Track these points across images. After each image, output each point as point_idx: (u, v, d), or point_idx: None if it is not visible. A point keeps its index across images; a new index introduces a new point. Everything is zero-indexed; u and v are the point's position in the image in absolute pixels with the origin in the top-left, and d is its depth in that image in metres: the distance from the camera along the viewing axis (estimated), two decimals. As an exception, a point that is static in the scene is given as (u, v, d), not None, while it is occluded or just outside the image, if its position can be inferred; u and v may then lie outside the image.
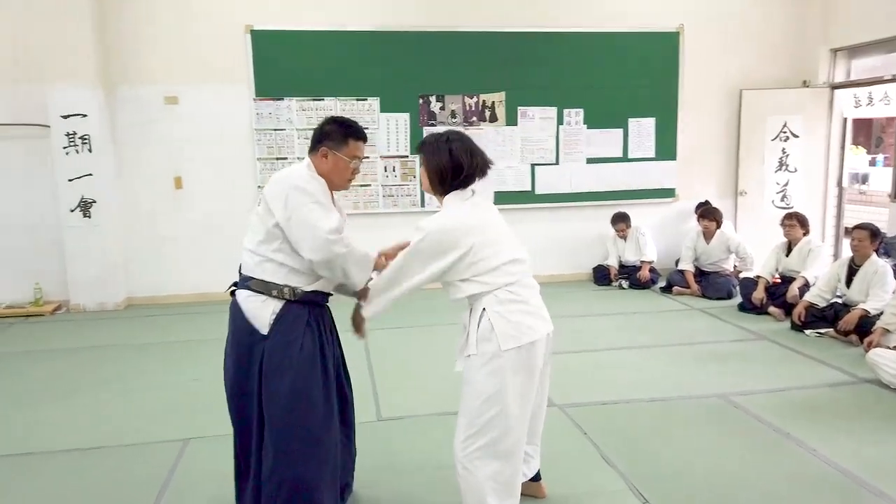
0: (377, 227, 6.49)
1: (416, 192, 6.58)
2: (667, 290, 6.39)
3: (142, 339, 5.18)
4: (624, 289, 6.59)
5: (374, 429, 3.41)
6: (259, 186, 6.23)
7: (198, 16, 6.08)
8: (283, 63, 6.21)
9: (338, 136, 2.33)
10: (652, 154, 6.94)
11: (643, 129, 6.89)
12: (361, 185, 6.48)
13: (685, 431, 3.35)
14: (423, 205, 6.59)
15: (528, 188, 6.78)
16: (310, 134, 2.49)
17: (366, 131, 2.44)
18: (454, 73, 6.48)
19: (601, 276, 6.79)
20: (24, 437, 3.44)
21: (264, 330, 2.25)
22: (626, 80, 6.76)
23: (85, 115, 5.87)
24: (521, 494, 2.44)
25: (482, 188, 2.49)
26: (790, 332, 5.03)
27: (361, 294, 2.42)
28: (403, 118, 6.46)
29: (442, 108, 6.52)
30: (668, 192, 7.05)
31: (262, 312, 2.25)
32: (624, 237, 6.69)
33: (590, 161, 6.85)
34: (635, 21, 6.72)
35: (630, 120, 6.85)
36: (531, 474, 2.67)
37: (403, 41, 6.35)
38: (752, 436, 3.29)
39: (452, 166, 2.35)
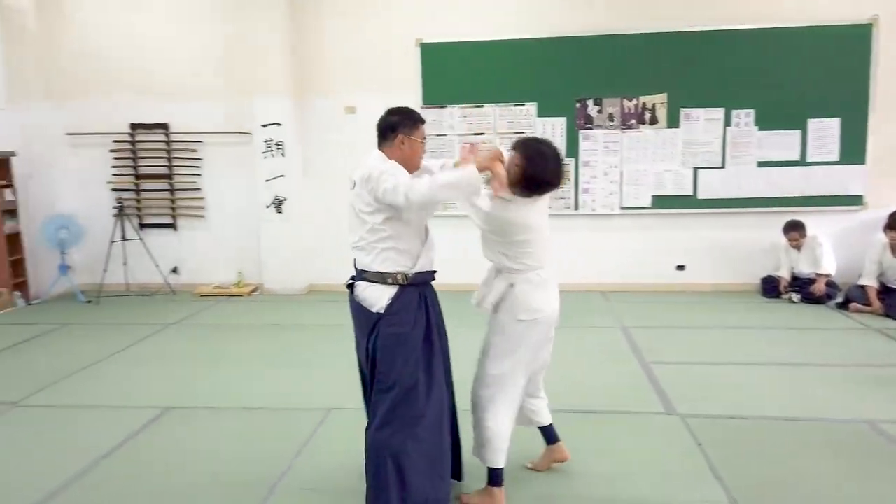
0: (531, 228, 6.69)
1: (570, 195, 6.67)
2: (844, 306, 5.83)
3: (317, 321, 5.90)
4: (794, 302, 6.12)
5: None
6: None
7: (375, 33, 6.71)
8: (447, 73, 6.64)
9: (409, 123, 2.63)
10: (835, 157, 6.34)
11: (825, 131, 6.32)
12: (517, 188, 6.70)
13: (810, 454, 3.17)
14: (576, 207, 6.66)
15: (690, 192, 6.55)
16: (470, 139, 2.90)
17: (523, 136, 2.78)
18: (613, 75, 6.46)
19: (770, 287, 6.36)
20: (210, 393, 4.17)
21: (381, 310, 2.54)
22: (806, 77, 6.25)
23: (280, 124, 6.77)
24: (550, 461, 3.01)
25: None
26: None
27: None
28: (560, 122, 6.58)
29: (599, 112, 6.54)
30: (855, 200, 6.39)
31: (380, 299, 2.54)
32: (798, 247, 6.20)
33: (761, 164, 6.44)
34: (819, 14, 6.19)
35: (810, 120, 6.32)
36: (545, 422, 2.98)
37: (561, 47, 6.46)
38: (893, 468, 3.02)
39: (545, 180, 2.57)
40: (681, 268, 6.73)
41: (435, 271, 2.69)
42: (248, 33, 6.64)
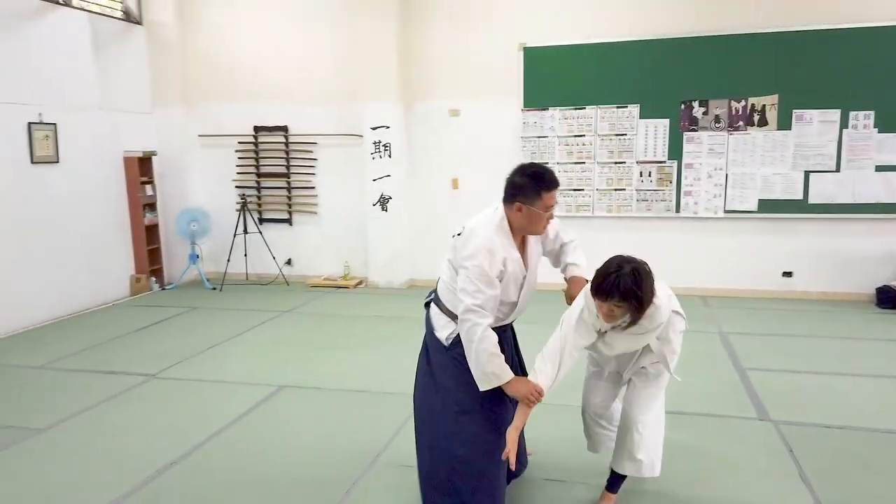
0: (630, 229, 6.71)
1: (671, 197, 6.60)
2: (969, 320, 5.46)
3: (416, 314, 6.18)
4: (913, 314, 5.79)
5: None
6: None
7: (479, 39, 6.92)
8: (548, 76, 6.76)
9: (530, 190, 2.44)
10: (965, 161, 5.93)
11: (955, 133, 5.92)
12: (616, 190, 6.73)
13: (912, 469, 3.08)
14: (677, 210, 6.59)
15: (800, 197, 6.31)
16: (570, 140, 2.94)
17: (624, 138, 2.78)
18: (720, 76, 6.34)
19: (885, 297, 6.03)
20: (318, 375, 4.55)
21: (445, 343, 2.60)
22: (935, 76, 5.88)
23: (388, 127, 7.14)
24: None
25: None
26: None
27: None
28: (663, 124, 6.53)
29: (705, 113, 6.43)
30: None
31: (443, 332, 2.61)
32: (918, 255, 5.86)
33: (879, 168, 6.11)
34: (952, 7, 5.81)
35: (937, 122, 5.95)
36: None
37: (665, 48, 6.41)
38: None
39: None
40: (788, 274, 6.50)
41: (506, 325, 2.70)
42: (359, 41, 7.05)
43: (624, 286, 2.27)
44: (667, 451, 3.21)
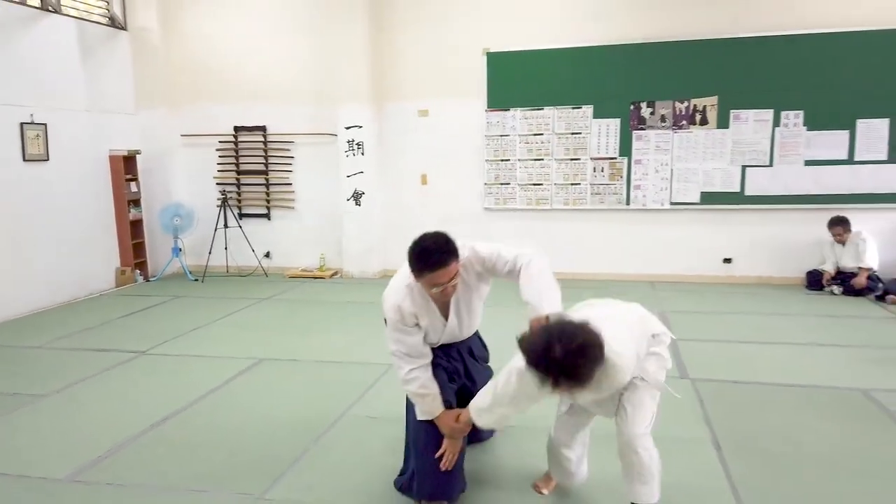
0: (585, 220, 7.26)
1: (622, 190, 7.17)
2: (882, 298, 6.07)
3: (385, 300, 6.69)
4: (836, 295, 6.39)
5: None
6: (485, 184, 7.44)
7: (446, 43, 7.43)
8: (510, 79, 7.29)
9: (413, 268, 2.45)
10: (884, 157, 6.55)
11: (874, 131, 6.54)
12: (572, 184, 7.27)
13: (797, 412, 3.64)
14: (628, 202, 7.16)
15: (738, 189, 6.91)
16: (530, 139, 3.21)
17: (579, 136, 2.86)
18: (665, 80, 6.92)
19: (813, 280, 6.64)
20: (293, 349, 5.03)
21: None
22: (856, 79, 6.50)
23: (361, 127, 7.62)
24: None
25: None
26: None
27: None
28: (614, 123, 7.10)
29: (652, 113, 7.01)
30: (903, 197, 6.59)
31: None
32: (841, 242, 6.46)
33: (808, 163, 6.73)
34: (868, 19, 6.42)
35: (858, 121, 6.56)
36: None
37: (617, 54, 6.97)
38: (867, 424, 3.46)
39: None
40: (727, 261, 7.10)
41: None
42: (334, 46, 7.52)
43: (555, 371, 2.01)
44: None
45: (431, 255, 2.38)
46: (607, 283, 7.05)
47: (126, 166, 7.59)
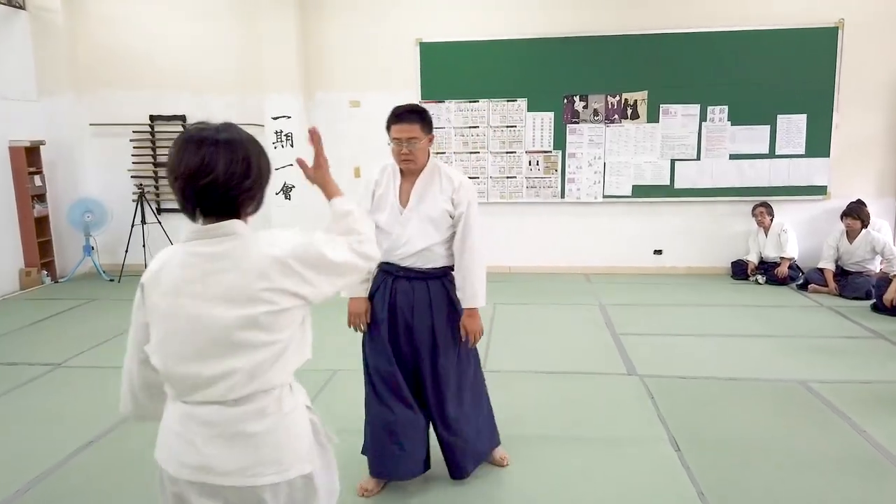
0: (521, 214, 7.25)
1: (557, 184, 7.20)
2: (804, 287, 6.37)
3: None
4: (760, 284, 6.67)
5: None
6: (420, 177, 7.29)
7: (378, 33, 7.21)
8: (444, 70, 7.16)
9: (387, 123, 2.69)
10: (802, 151, 6.87)
11: (793, 126, 6.84)
12: (508, 177, 7.24)
13: (743, 404, 3.74)
14: (562, 195, 7.20)
15: (667, 182, 7.08)
16: (465, 132, 3.09)
17: (514, 129, 3.01)
18: (598, 74, 6.97)
19: (739, 270, 6.91)
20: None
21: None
22: (776, 76, 6.76)
23: (289, 117, 7.29)
24: None
25: None
26: (918, 335, 4.95)
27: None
28: (548, 117, 7.10)
29: (585, 107, 7.06)
30: (819, 190, 6.93)
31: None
32: (764, 227, 6.73)
33: (733, 157, 6.97)
34: (789, 18, 6.69)
35: (779, 116, 6.84)
36: None
37: (551, 47, 6.97)
38: (809, 416, 3.58)
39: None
40: (658, 252, 7.28)
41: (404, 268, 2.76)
42: (260, 32, 7.14)
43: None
44: (550, 404, 3.73)
45: (401, 110, 2.64)
46: (543, 277, 7.09)
47: (29, 158, 6.97)
